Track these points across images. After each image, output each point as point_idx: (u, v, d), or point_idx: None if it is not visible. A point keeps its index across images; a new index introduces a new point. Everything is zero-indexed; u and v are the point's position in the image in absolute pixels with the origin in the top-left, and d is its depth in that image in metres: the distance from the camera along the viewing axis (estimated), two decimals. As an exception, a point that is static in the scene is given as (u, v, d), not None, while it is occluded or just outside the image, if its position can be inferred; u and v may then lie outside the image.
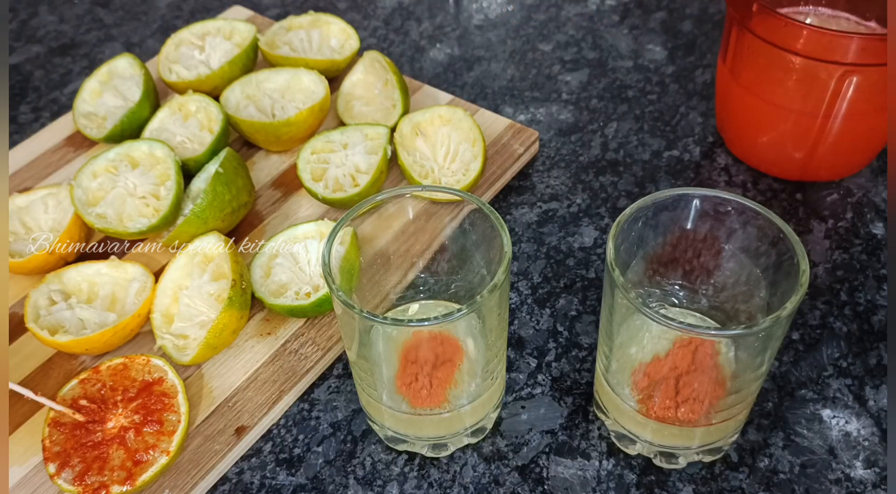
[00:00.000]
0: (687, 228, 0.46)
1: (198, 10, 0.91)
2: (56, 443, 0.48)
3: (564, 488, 0.48)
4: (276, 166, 0.68)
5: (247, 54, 0.72)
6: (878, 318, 0.56)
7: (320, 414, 0.53)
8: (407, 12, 0.88)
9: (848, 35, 0.53)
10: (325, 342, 0.55)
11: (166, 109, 0.68)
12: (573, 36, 0.83)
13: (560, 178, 0.68)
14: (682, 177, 0.67)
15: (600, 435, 0.51)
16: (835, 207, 0.63)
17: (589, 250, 0.62)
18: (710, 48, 0.80)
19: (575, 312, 0.58)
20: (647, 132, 0.71)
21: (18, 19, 0.91)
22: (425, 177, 0.63)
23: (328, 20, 0.75)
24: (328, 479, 0.50)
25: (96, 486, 0.47)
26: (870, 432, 0.50)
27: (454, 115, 0.66)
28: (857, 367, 0.53)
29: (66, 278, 0.57)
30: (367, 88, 0.72)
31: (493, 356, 0.46)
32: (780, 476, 0.48)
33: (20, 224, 0.61)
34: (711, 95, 0.74)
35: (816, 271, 0.59)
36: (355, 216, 0.45)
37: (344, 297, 0.41)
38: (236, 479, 0.50)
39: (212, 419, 0.52)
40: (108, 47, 0.87)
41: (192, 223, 0.58)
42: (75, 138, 0.72)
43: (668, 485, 0.48)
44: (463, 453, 0.51)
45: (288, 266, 0.57)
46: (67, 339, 0.52)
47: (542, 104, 0.75)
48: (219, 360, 0.55)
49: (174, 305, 0.56)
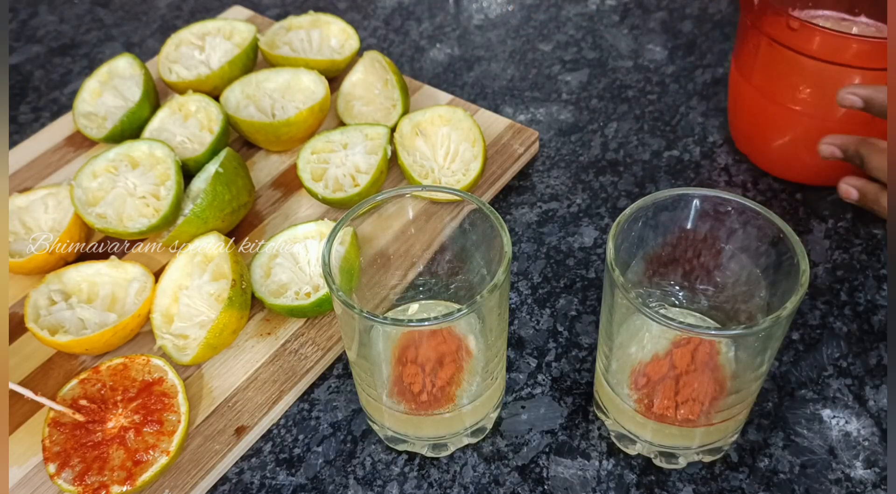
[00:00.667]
0: (687, 228, 0.46)
1: (198, 10, 0.91)
2: (56, 443, 0.48)
3: (564, 488, 0.48)
4: (276, 166, 0.68)
5: (247, 54, 0.72)
6: (878, 318, 0.56)
7: (320, 414, 0.53)
8: (407, 12, 0.88)
9: (862, 38, 0.52)
10: (325, 342, 0.55)
11: (166, 109, 0.68)
12: (573, 36, 0.83)
13: (560, 178, 0.68)
14: (682, 177, 0.67)
15: (600, 435, 0.51)
16: (835, 207, 0.63)
17: (589, 250, 0.62)
18: (710, 48, 0.80)
19: (575, 312, 0.58)
20: (647, 132, 0.71)
21: (18, 19, 0.91)
22: (425, 177, 0.63)
23: (328, 20, 0.75)
24: (328, 479, 0.50)
25: (96, 486, 0.47)
26: (870, 432, 0.50)
27: (454, 115, 0.66)
28: (857, 367, 0.53)
29: (66, 278, 0.57)
30: (367, 88, 0.72)
31: (493, 356, 0.46)
32: (780, 476, 0.48)
33: (20, 224, 0.61)
34: (711, 95, 0.74)
35: (816, 271, 0.59)
36: (355, 216, 0.45)
37: (344, 297, 0.41)
38: (236, 479, 0.50)
39: (212, 419, 0.52)
40: (108, 47, 0.87)
41: (192, 223, 0.58)
42: (75, 138, 0.72)
43: (668, 485, 0.48)
44: (463, 453, 0.51)
45: (288, 266, 0.57)
46: (67, 339, 0.52)
47: (542, 104, 0.75)
48: (219, 360, 0.55)
49: (174, 305, 0.56)
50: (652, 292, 0.50)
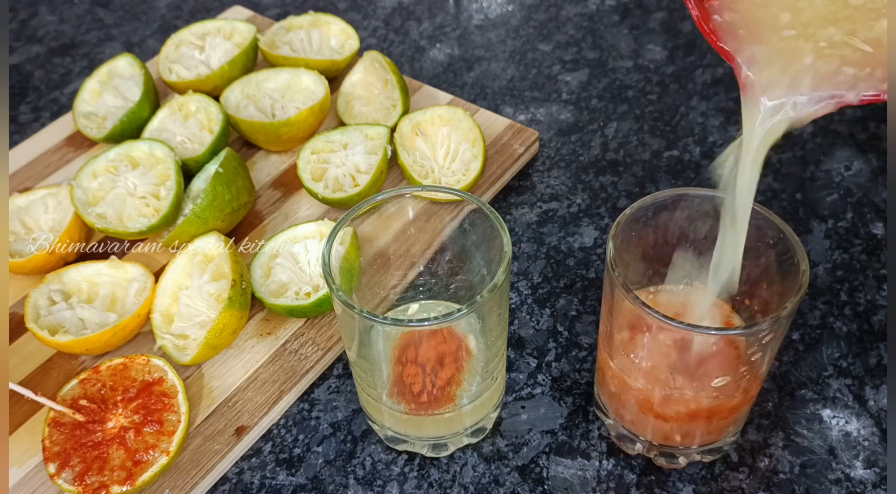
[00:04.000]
0: (687, 228, 0.46)
1: (198, 10, 0.91)
2: (56, 443, 0.48)
3: (564, 488, 0.48)
4: (276, 166, 0.68)
5: (247, 54, 0.72)
6: (878, 318, 0.56)
7: (320, 414, 0.53)
8: (407, 12, 0.88)
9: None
10: (325, 342, 0.55)
11: (166, 109, 0.68)
12: (573, 36, 0.83)
13: (560, 178, 0.68)
14: (682, 177, 0.67)
15: (600, 435, 0.51)
16: (835, 207, 0.63)
17: (589, 250, 0.62)
18: (710, 48, 0.80)
19: (575, 312, 0.58)
20: (647, 132, 0.71)
21: (18, 19, 0.91)
22: (425, 177, 0.63)
23: (328, 20, 0.75)
24: (328, 479, 0.50)
25: (96, 486, 0.47)
26: (870, 432, 0.50)
27: (454, 115, 0.66)
28: (857, 367, 0.53)
29: (66, 278, 0.57)
30: (367, 88, 0.72)
31: (493, 356, 0.46)
32: (780, 476, 0.48)
33: (20, 224, 0.61)
34: (712, 95, 0.74)
35: (816, 271, 0.59)
36: (355, 216, 0.45)
37: (344, 297, 0.41)
38: (236, 479, 0.50)
39: (212, 419, 0.52)
40: (108, 47, 0.87)
41: (192, 223, 0.58)
42: (75, 138, 0.72)
43: (668, 485, 0.48)
44: (463, 453, 0.51)
45: (288, 266, 0.57)
46: (67, 339, 0.52)
47: (542, 104, 0.75)
48: (219, 360, 0.55)
49: (174, 305, 0.56)
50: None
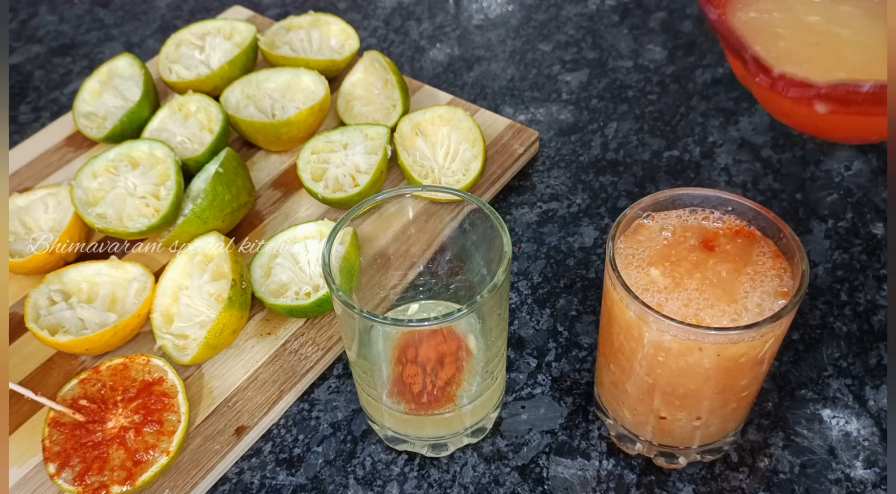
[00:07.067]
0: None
1: (198, 10, 0.91)
2: (56, 443, 0.48)
3: (564, 488, 0.48)
4: (276, 166, 0.68)
5: (247, 54, 0.72)
6: (878, 318, 0.56)
7: (320, 414, 0.53)
8: (407, 12, 0.88)
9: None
10: (325, 342, 0.55)
11: (166, 109, 0.68)
12: (573, 36, 0.83)
13: (560, 178, 0.68)
14: (682, 177, 0.67)
15: (600, 435, 0.51)
16: (835, 207, 0.63)
17: (589, 250, 0.62)
18: (710, 48, 0.80)
19: (575, 312, 0.58)
20: (647, 132, 0.71)
21: (18, 19, 0.91)
22: (425, 177, 0.63)
23: (328, 20, 0.75)
24: (328, 479, 0.50)
25: (96, 486, 0.47)
26: (870, 432, 0.50)
27: (454, 115, 0.66)
28: (857, 367, 0.53)
29: (66, 278, 0.57)
30: (367, 88, 0.72)
31: (493, 356, 0.46)
32: (780, 476, 0.48)
33: (20, 224, 0.61)
34: (712, 95, 0.74)
35: (816, 271, 0.59)
36: (355, 216, 0.45)
37: (344, 297, 0.41)
38: (236, 479, 0.50)
39: (212, 419, 0.52)
40: (108, 47, 0.87)
41: (192, 223, 0.58)
42: (75, 138, 0.72)
43: (668, 485, 0.48)
44: (463, 453, 0.51)
45: (288, 266, 0.57)
46: (67, 339, 0.52)
47: (542, 104, 0.75)
48: (219, 360, 0.55)
49: (174, 305, 0.56)
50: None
